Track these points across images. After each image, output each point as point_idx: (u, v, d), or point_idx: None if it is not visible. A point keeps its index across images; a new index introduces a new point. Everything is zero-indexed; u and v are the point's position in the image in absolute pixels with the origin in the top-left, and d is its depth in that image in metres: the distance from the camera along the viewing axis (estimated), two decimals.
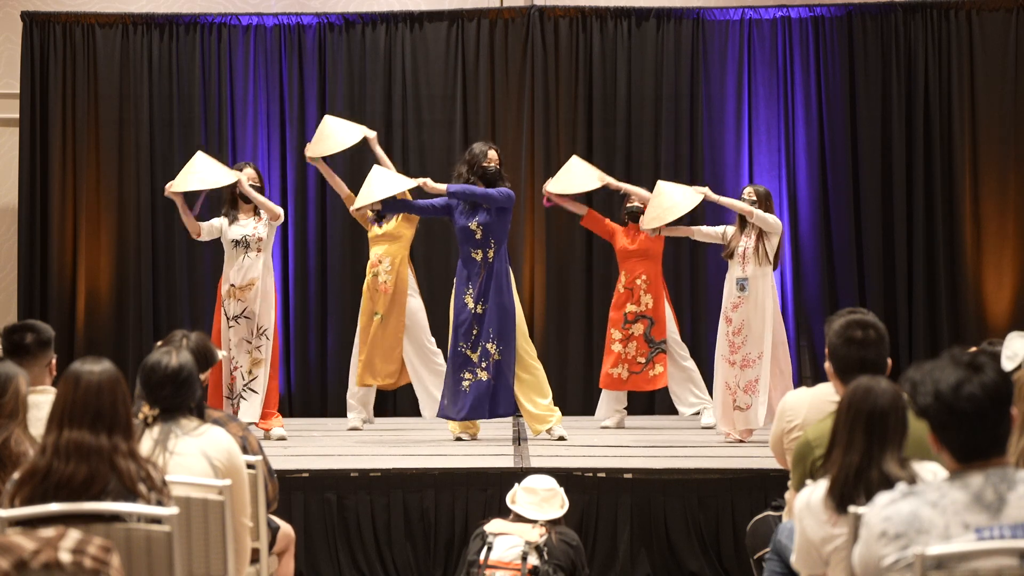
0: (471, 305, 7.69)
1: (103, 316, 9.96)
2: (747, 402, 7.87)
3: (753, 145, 9.99)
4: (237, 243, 8.01)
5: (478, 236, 7.71)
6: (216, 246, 9.93)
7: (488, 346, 7.66)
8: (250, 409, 7.96)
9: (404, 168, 9.88)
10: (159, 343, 4.59)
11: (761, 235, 7.92)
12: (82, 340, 9.85)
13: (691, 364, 8.74)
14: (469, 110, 10.06)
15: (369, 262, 8.41)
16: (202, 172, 7.97)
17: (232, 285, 7.99)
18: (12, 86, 10.17)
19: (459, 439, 7.89)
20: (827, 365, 4.27)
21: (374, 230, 8.37)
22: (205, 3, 10.15)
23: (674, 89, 10.00)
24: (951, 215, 9.92)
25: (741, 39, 10.00)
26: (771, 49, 10.00)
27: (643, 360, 8.49)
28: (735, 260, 7.96)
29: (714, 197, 8.08)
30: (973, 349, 3.04)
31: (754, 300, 7.89)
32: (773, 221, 7.90)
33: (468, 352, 7.68)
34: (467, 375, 7.66)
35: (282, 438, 8.00)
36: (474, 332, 7.67)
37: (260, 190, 8.14)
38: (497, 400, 7.67)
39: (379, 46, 10.05)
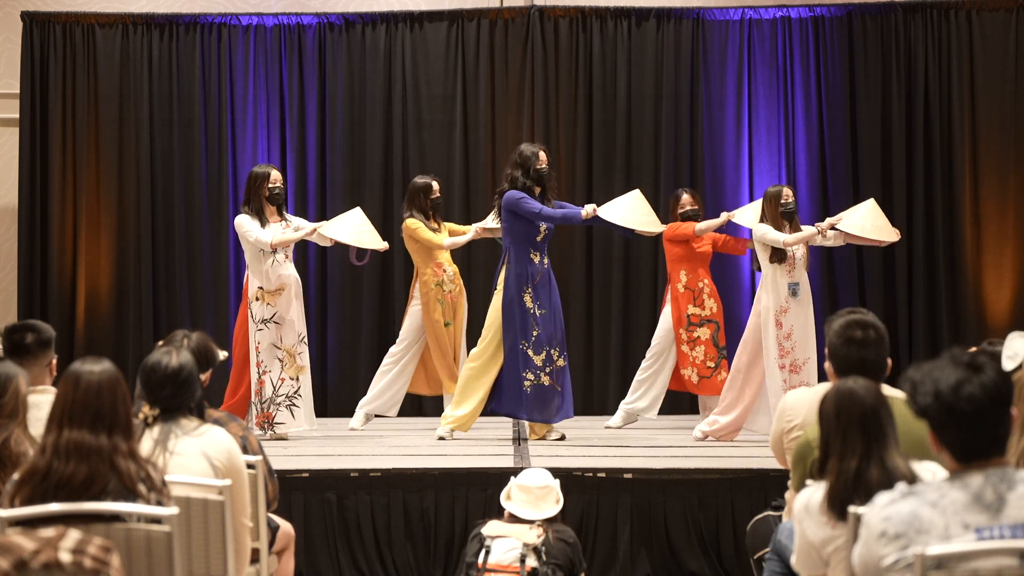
0: (530, 305, 7.70)
1: (103, 316, 9.95)
2: None
3: (753, 145, 9.99)
4: None
5: (539, 239, 7.76)
6: (214, 247, 9.98)
7: (552, 352, 7.70)
8: (305, 416, 8.00)
9: (404, 168, 9.91)
10: (159, 343, 4.59)
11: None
12: (82, 340, 9.84)
13: None
14: (469, 110, 10.06)
15: (429, 271, 8.40)
16: (351, 225, 8.12)
17: (260, 288, 7.97)
18: (12, 86, 10.16)
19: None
20: (827, 365, 4.26)
21: (441, 237, 8.38)
22: (205, 3, 10.14)
23: (674, 89, 9.99)
24: (951, 215, 9.92)
25: (741, 39, 10.00)
26: (771, 49, 10.00)
27: (712, 365, 8.43)
28: (784, 265, 7.95)
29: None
30: (973, 349, 3.03)
31: (804, 304, 7.94)
32: (772, 238, 7.89)
33: (530, 352, 7.69)
34: (528, 375, 7.68)
35: (281, 437, 8.00)
36: (535, 333, 7.69)
37: (282, 192, 8.12)
38: (564, 406, 7.77)
39: (379, 46, 10.04)
